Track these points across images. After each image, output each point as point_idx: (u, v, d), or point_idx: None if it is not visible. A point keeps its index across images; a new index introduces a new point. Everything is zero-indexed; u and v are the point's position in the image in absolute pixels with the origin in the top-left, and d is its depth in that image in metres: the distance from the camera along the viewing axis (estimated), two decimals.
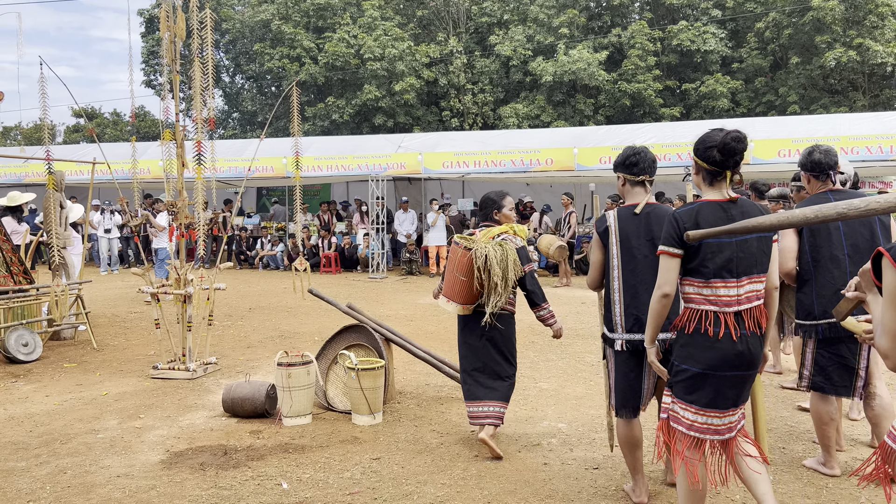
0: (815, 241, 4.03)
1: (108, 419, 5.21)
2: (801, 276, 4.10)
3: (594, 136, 15.57)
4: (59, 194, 8.19)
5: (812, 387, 4.10)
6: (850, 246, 3.97)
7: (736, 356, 2.98)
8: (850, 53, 20.99)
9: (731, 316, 2.99)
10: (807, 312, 4.06)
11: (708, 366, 2.99)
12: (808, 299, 4.05)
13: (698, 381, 3.02)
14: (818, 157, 4.09)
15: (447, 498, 3.78)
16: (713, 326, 2.99)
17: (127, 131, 34.00)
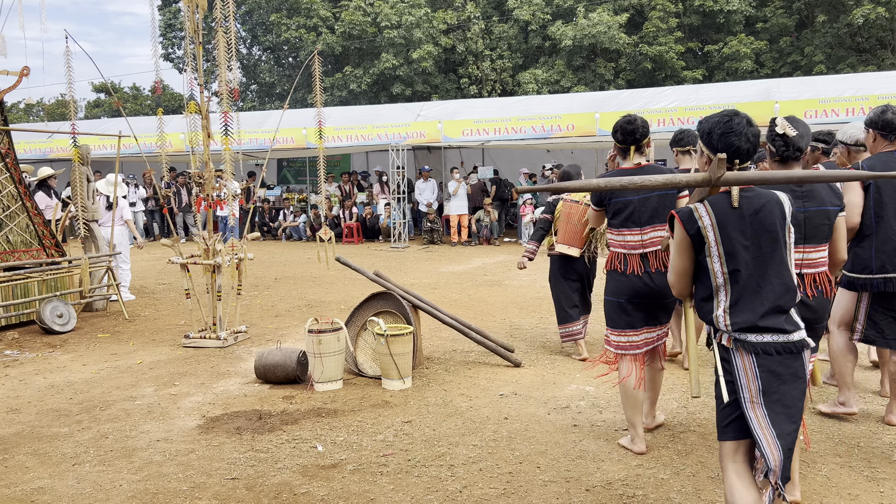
0: (880, 197, 4.04)
1: (144, 387, 5.34)
2: (861, 230, 4.10)
3: (616, 100, 15.37)
4: (85, 168, 8.29)
5: (864, 339, 4.20)
6: None
7: (642, 287, 3.84)
8: (878, 10, 20.41)
9: (637, 257, 3.86)
10: (864, 266, 4.10)
11: (621, 296, 3.89)
12: (866, 253, 4.09)
13: (616, 308, 3.93)
14: (891, 117, 4.06)
15: (479, 458, 3.85)
16: (622, 265, 3.90)
17: (147, 105, 34.14)
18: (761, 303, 2.56)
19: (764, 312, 2.55)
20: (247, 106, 30.54)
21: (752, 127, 2.68)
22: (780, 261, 2.60)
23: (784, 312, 2.58)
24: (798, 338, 2.57)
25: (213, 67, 6.06)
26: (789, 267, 2.63)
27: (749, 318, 2.55)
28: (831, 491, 3.39)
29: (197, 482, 3.63)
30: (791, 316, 2.60)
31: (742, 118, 2.69)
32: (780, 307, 2.57)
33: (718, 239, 2.59)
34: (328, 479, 3.63)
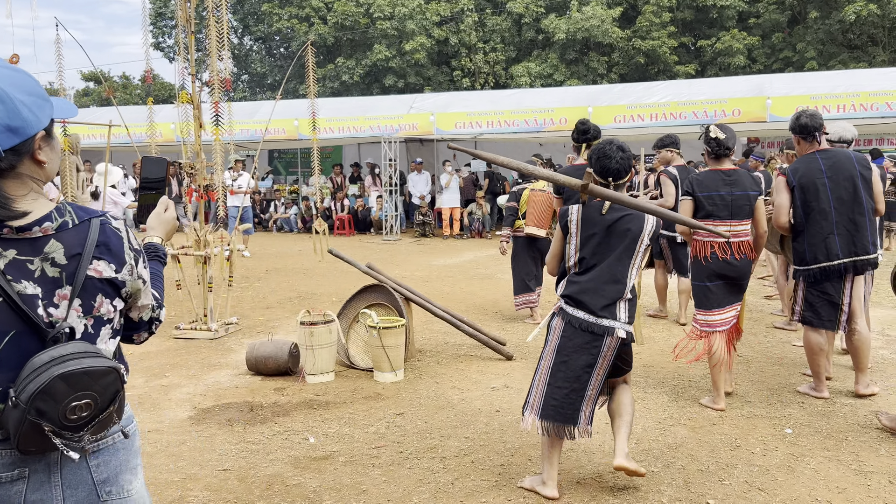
0: (805, 196, 4.49)
1: (134, 377, 5.32)
2: (795, 227, 4.59)
3: (609, 94, 15.39)
4: (74, 157, 8.22)
5: (802, 321, 4.66)
6: (836, 199, 4.44)
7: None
8: (870, 7, 20.50)
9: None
10: (800, 259, 4.58)
11: None
12: (801, 247, 4.57)
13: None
14: (805, 121, 4.52)
15: (471, 451, 3.86)
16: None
17: (137, 94, 33.89)
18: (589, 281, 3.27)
19: (585, 289, 3.26)
20: (237, 96, 30.38)
21: (623, 152, 3.30)
22: (619, 257, 3.25)
23: (604, 297, 3.23)
24: (606, 324, 3.22)
25: (204, 57, 6.01)
26: (627, 266, 3.25)
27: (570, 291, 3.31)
28: (819, 484, 3.43)
29: (188, 473, 3.63)
30: (612, 305, 3.23)
31: (614, 146, 3.32)
32: (601, 291, 3.23)
33: (578, 231, 3.30)
34: (320, 471, 3.63)
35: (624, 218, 3.25)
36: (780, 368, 5.33)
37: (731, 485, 3.43)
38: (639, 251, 3.27)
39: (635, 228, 3.25)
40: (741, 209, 4.37)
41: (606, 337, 3.22)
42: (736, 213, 4.38)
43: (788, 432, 4.06)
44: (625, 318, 3.26)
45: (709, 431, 4.09)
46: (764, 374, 5.21)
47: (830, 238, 4.43)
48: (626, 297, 3.26)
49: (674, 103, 14.11)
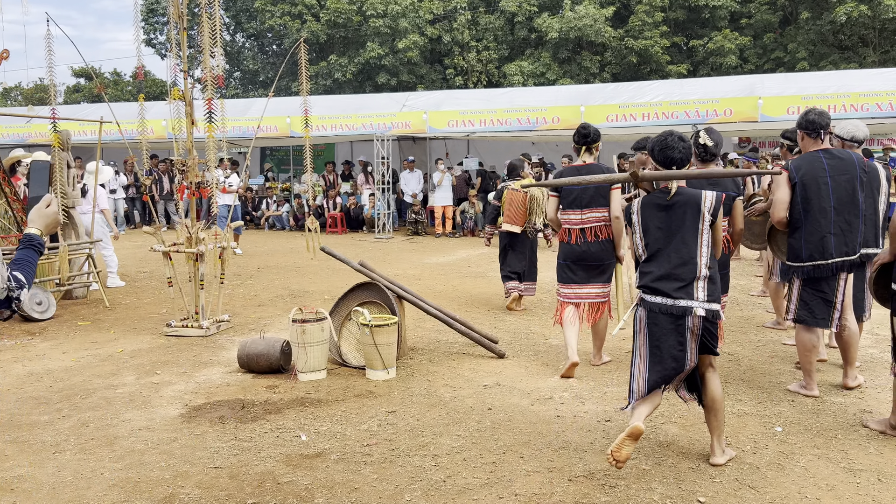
0: (806, 194, 4.54)
1: (125, 375, 5.30)
2: (792, 223, 4.63)
3: (601, 93, 15.41)
4: (65, 153, 8.17)
5: (796, 319, 4.70)
6: (836, 199, 4.50)
7: (580, 254, 5.21)
8: (861, 8, 20.61)
9: (577, 230, 5.21)
10: (795, 255, 4.63)
11: (564, 259, 5.30)
12: (797, 244, 4.61)
13: (562, 268, 5.34)
14: (813, 118, 4.58)
15: (463, 448, 3.86)
16: (567, 236, 5.26)
17: (128, 91, 33.71)
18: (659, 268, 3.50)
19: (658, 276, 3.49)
20: (230, 93, 30.25)
21: (683, 142, 3.53)
22: (682, 240, 3.46)
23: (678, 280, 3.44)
24: (684, 304, 3.42)
25: (196, 53, 5.96)
26: (694, 246, 3.44)
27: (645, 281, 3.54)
28: (809, 482, 3.45)
29: (179, 471, 3.62)
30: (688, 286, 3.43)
31: (675, 136, 3.54)
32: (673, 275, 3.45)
33: (639, 221, 3.59)
34: (312, 469, 3.63)
35: (679, 200, 3.48)
36: (770, 367, 5.36)
37: (722, 482, 3.45)
38: (703, 228, 3.46)
39: (692, 207, 3.47)
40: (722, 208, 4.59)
41: (687, 317, 3.43)
42: None
43: (779, 430, 4.09)
44: (703, 296, 3.44)
45: (699, 429, 4.10)
46: (754, 372, 5.23)
47: (827, 237, 4.51)
48: (702, 275, 3.44)
49: (666, 103, 14.15)
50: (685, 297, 3.42)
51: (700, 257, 3.44)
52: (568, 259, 5.29)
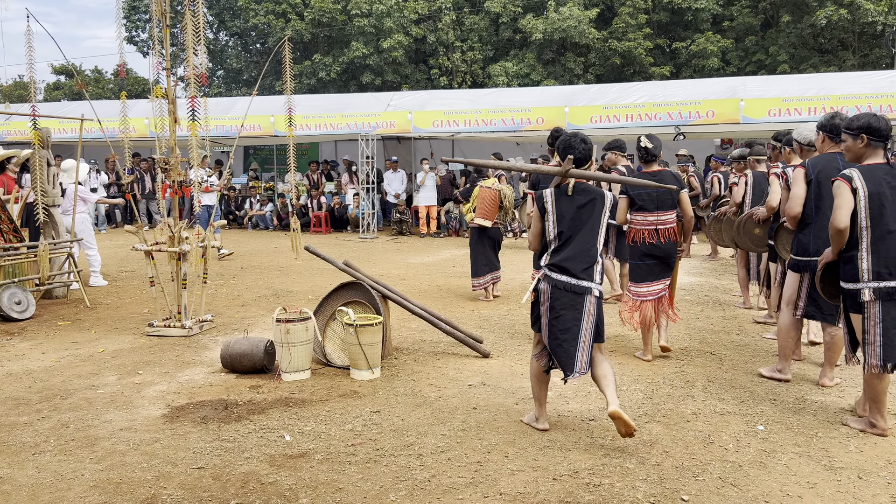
0: (820, 191, 4.67)
1: (106, 375, 5.24)
2: (803, 219, 4.77)
3: (585, 94, 15.48)
4: (45, 151, 8.07)
5: (805, 315, 4.87)
6: None
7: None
8: (840, 12, 20.86)
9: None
10: (804, 250, 4.77)
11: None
12: (806, 239, 4.76)
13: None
14: (837, 122, 4.64)
15: (447, 448, 3.86)
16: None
17: (109, 89, 33.37)
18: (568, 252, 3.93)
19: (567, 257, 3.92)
20: (213, 92, 30.04)
21: (585, 143, 4.04)
22: (590, 229, 3.93)
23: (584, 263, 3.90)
24: (585, 285, 3.88)
25: (179, 51, 5.92)
26: (596, 236, 3.94)
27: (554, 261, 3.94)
28: (791, 480, 3.48)
29: (162, 472, 3.58)
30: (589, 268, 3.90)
31: (577, 138, 4.05)
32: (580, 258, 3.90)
33: (553, 210, 3.97)
34: (296, 469, 3.61)
35: (588, 197, 3.97)
36: (752, 366, 5.41)
37: (705, 481, 3.47)
38: (603, 223, 4.00)
39: (598, 205, 3.98)
40: (665, 202, 5.43)
41: (587, 295, 3.89)
42: (661, 205, 5.42)
43: (760, 429, 4.12)
44: (598, 280, 3.95)
45: (683, 428, 4.13)
46: (736, 371, 5.28)
47: None
48: (599, 261, 3.96)
49: (649, 104, 14.24)
50: (587, 279, 3.90)
51: (599, 246, 3.97)
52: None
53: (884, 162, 4.05)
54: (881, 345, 3.93)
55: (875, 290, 3.92)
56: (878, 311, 3.93)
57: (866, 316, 3.98)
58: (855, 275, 3.99)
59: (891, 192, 3.94)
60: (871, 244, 3.94)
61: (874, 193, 3.93)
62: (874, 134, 4.04)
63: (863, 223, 3.95)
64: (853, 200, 3.95)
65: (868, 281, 3.94)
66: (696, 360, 5.59)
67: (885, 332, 3.91)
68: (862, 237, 3.96)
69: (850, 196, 3.96)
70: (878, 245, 3.92)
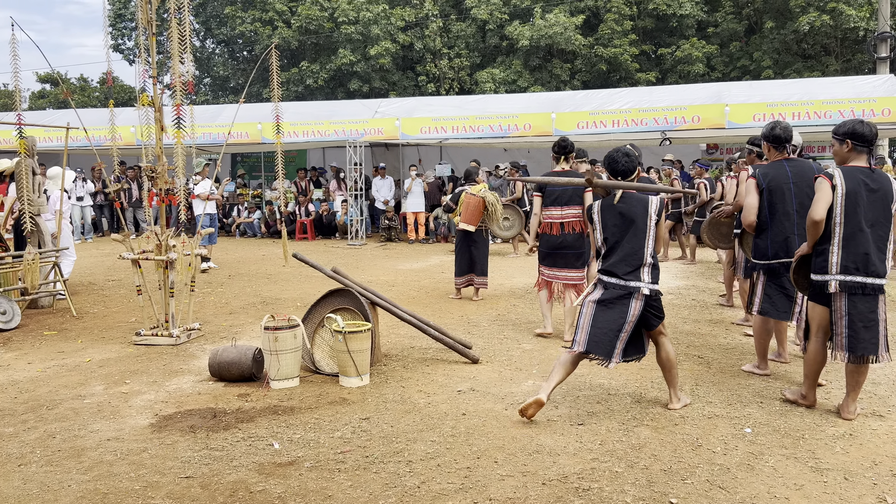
0: (772, 198, 5.05)
1: (93, 385, 5.20)
2: (759, 225, 5.12)
3: (572, 100, 15.56)
4: (31, 160, 8.02)
5: (760, 311, 5.20)
6: (799, 203, 4.99)
7: (558, 244, 6.31)
8: (823, 18, 21.08)
9: (557, 224, 6.32)
10: (762, 254, 5.13)
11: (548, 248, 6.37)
12: (763, 244, 5.12)
13: (544, 255, 6.44)
14: (779, 132, 5.10)
15: (437, 454, 3.86)
16: (549, 230, 6.36)
17: (95, 97, 33.19)
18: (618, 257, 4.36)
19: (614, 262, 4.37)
20: (200, 100, 29.95)
21: (628, 157, 4.48)
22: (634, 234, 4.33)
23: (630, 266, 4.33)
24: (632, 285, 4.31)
25: (165, 59, 5.91)
26: (643, 240, 4.33)
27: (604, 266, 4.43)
28: (778, 482, 3.51)
29: (150, 481, 3.56)
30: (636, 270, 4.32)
31: (620, 153, 4.50)
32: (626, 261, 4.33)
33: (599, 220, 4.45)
34: (285, 477, 3.60)
35: (631, 204, 4.36)
36: (738, 370, 5.45)
37: (693, 484, 3.49)
38: (650, 226, 4.35)
39: (641, 210, 4.35)
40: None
41: (634, 294, 4.30)
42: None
43: (748, 432, 4.15)
44: (648, 279, 4.33)
45: (671, 432, 4.15)
46: (724, 374, 5.31)
47: (791, 238, 5.02)
48: (647, 262, 4.33)
49: (635, 110, 14.33)
50: (634, 280, 4.32)
51: (646, 248, 4.35)
52: (550, 248, 6.40)
53: (866, 166, 4.28)
54: (846, 336, 4.23)
55: (841, 282, 4.20)
56: (844, 305, 4.22)
57: (833, 308, 4.26)
58: (825, 267, 4.26)
59: (867, 194, 4.19)
60: (842, 239, 4.20)
61: (851, 192, 4.18)
62: (858, 139, 4.28)
63: (837, 219, 4.20)
64: (831, 196, 4.20)
65: (836, 273, 4.22)
66: (684, 363, 5.62)
67: (850, 324, 4.21)
68: (835, 232, 4.22)
69: (830, 192, 4.21)
70: (849, 241, 4.19)
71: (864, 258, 4.16)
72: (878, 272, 4.19)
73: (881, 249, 4.21)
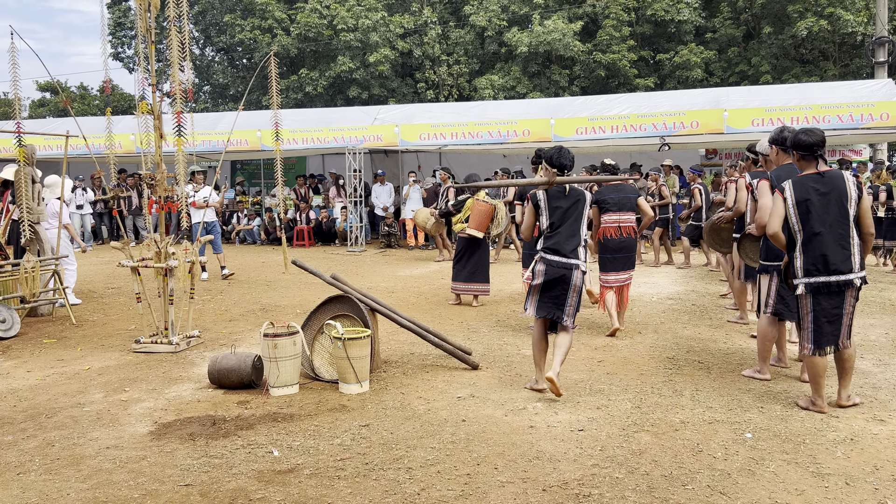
0: None
1: (92, 393, 5.20)
2: None
3: (570, 106, 15.58)
4: (30, 168, 8.03)
5: (774, 313, 5.23)
6: None
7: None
8: (821, 23, 21.13)
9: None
10: (775, 255, 5.13)
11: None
12: None
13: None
14: (787, 135, 5.04)
15: (437, 461, 3.85)
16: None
17: (95, 105, 33.25)
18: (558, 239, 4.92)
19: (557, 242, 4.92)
20: (199, 107, 29.99)
21: (569, 153, 5.00)
22: (575, 220, 4.95)
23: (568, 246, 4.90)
24: (573, 262, 4.88)
25: (165, 67, 5.91)
26: (581, 226, 4.95)
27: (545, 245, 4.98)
28: (779, 487, 3.50)
29: (149, 489, 3.55)
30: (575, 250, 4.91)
31: (563, 151, 4.99)
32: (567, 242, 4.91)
33: (546, 206, 4.97)
34: (284, 484, 3.59)
35: (574, 195, 5.01)
36: (739, 375, 5.44)
37: (694, 489, 3.48)
38: (585, 214, 5.01)
39: (581, 201, 5.01)
40: (625, 206, 6.92)
41: (575, 270, 4.87)
42: (622, 208, 6.91)
43: (748, 437, 4.14)
44: (583, 258, 4.95)
45: (671, 437, 4.14)
46: (724, 379, 5.31)
47: None
48: (582, 244, 4.95)
49: (634, 115, 14.35)
50: (575, 258, 4.90)
51: (582, 233, 4.97)
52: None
53: (815, 171, 4.53)
54: (812, 331, 4.47)
55: (806, 284, 4.46)
56: (810, 303, 4.46)
57: (800, 306, 4.54)
58: (795, 272, 4.54)
59: (818, 199, 4.43)
60: (802, 245, 4.48)
61: (801, 200, 4.45)
62: (802, 148, 4.56)
63: (795, 227, 4.49)
64: (783, 208, 4.51)
65: (801, 277, 4.48)
66: (684, 368, 5.62)
67: (815, 320, 4.45)
68: (796, 239, 4.50)
69: (781, 204, 4.52)
70: (807, 246, 4.45)
71: (823, 259, 4.40)
72: (839, 270, 4.40)
73: (844, 247, 4.41)
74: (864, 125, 13.04)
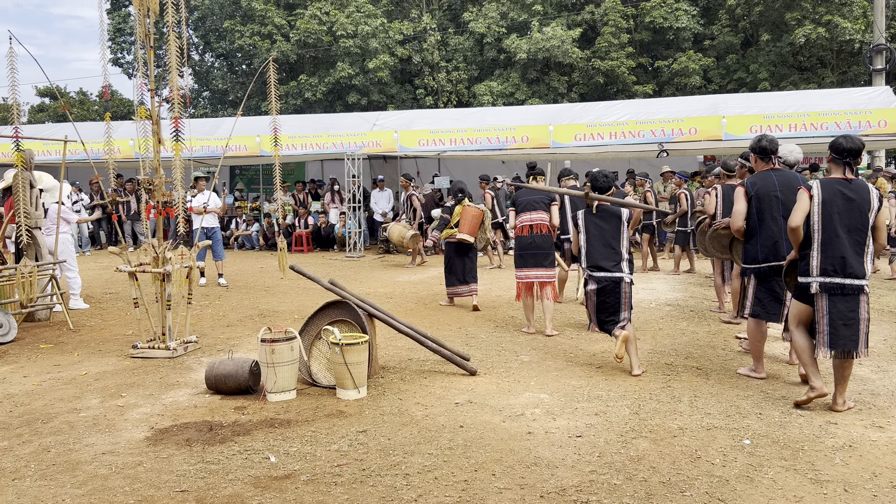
0: (760, 205, 5.31)
1: (89, 398, 5.18)
2: (749, 231, 5.38)
3: (569, 113, 15.61)
4: (28, 173, 8.02)
5: (752, 314, 5.42)
6: (786, 210, 5.11)
7: (529, 244, 7.20)
8: (819, 30, 21.20)
9: (527, 227, 7.23)
10: (752, 258, 5.38)
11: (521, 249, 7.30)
12: (753, 249, 5.37)
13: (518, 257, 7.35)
14: (765, 144, 5.42)
15: (434, 467, 3.84)
16: (520, 231, 7.31)
17: (94, 110, 33.26)
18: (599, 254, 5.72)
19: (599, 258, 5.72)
20: (198, 113, 30.01)
21: (606, 178, 5.83)
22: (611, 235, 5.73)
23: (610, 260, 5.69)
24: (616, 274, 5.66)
25: (164, 73, 5.92)
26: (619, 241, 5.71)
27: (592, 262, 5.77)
28: (777, 494, 3.49)
29: (144, 495, 3.53)
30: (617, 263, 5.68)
31: (601, 174, 5.87)
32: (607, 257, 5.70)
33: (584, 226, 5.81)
34: (281, 490, 3.57)
35: (610, 213, 5.74)
36: (737, 381, 5.43)
37: (693, 496, 3.47)
38: (623, 230, 5.72)
39: (616, 218, 5.67)
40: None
41: (622, 282, 5.63)
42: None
43: (747, 443, 4.13)
44: (627, 270, 5.68)
45: (670, 443, 4.13)
46: (722, 386, 5.29)
47: (779, 242, 5.28)
48: (625, 258, 5.68)
49: (632, 122, 14.37)
50: (619, 271, 5.64)
51: (622, 248, 5.69)
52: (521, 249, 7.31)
53: (844, 177, 4.64)
54: (828, 333, 4.57)
55: (822, 284, 4.57)
56: (825, 304, 4.57)
57: (816, 308, 4.63)
58: (807, 270, 4.65)
59: (844, 203, 4.56)
60: (820, 244, 4.58)
61: (827, 201, 4.57)
62: (836, 152, 4.67)
63: (815, 226, 4.59)
64: (808, 206, 4.60)
65: (816, 276, 4.59)
66: (682, 375, 5.61)
67: (831, 322, 4.56)
68: (814, 238, 4.60)
69: (807, 202, 4.62)
70: (826, 246, 4.57)
71: (842, 261, 4.52)
72: (855, 274, 4.53)
73: (859, 253, 4.55)
74: (861, 132, 13.04)
